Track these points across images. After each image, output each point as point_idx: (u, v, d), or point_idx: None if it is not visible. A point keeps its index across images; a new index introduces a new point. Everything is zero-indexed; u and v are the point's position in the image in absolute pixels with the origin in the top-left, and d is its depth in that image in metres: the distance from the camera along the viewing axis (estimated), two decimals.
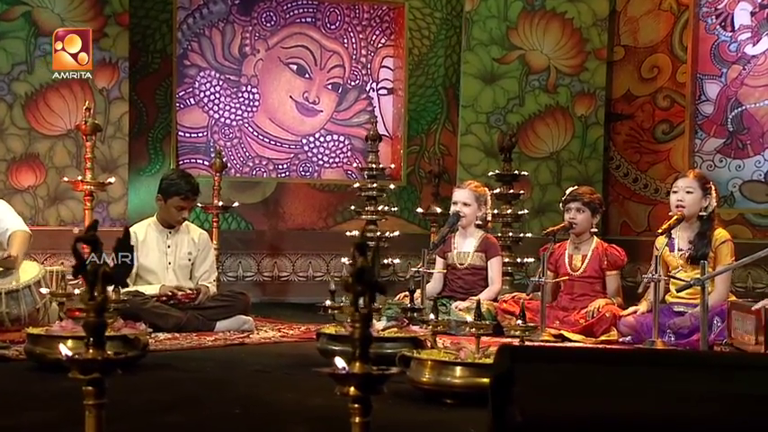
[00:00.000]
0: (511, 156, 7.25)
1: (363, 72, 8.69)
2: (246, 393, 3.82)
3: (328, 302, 4.71)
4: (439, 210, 7.23)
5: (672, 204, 5.70)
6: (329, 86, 8.62)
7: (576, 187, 6.22)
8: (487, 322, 3.98)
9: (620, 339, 5.63)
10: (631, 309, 5.70)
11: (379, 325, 4.69)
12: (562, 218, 6.09)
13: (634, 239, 8.06)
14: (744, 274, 7.44)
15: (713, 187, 5.75)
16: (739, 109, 8.11)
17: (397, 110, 8.63)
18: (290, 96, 8.53)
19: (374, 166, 6.84)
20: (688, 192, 5.64)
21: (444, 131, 8.63)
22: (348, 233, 6.98)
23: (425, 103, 8.62)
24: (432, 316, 3.82)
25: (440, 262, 6.33)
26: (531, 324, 3.95)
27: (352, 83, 8.67)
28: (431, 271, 6.00)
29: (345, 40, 8.65)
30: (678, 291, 4.91)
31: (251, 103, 8.45)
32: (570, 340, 5.55)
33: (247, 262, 8.12)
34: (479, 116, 8.28)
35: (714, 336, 5.34)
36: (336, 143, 8.62)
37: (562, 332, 5.61)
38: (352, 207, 7.10)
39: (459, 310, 5.94)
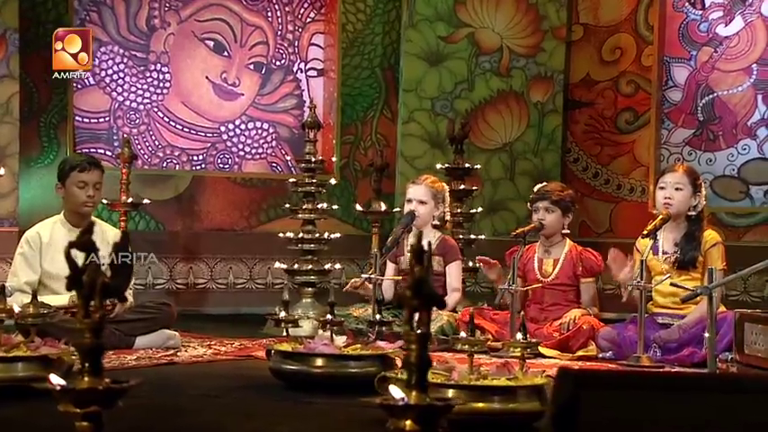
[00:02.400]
0: (462, 147, 7.24)
1: (290, 50, 8.59)
2: (200, 424, 3.72)
3: (282, 314, 4.61)
4: (383, 207, 7.16)
5: (658, 202, 5.74)
6: (251, 66, 8.50)
7: (543, 184, 6.22)
8: (480, 338, 3.91)
9: (600, 355, 5.64)
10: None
11: (338, 341, 4.62)
12: (526, 218, 6.09)
13: (594, 241, 8.09)
14: (760, 281, 7.54)
15: (703, 184, 5.80)
16: (710, 96, 8.22)
17: (328, 94, 8.55)
18: (206, 77, 8.39)
19: (312, 158, 6.73)
20: (677, 188, 5.68)
21: (382, 119, 8.58)
22: (281, 234, 6.86)
23: (361, 87, 8.55)
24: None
25: (391, 267, 6.28)
26: (534, 340, 3.90)
27: (278, 62, 8.56)
28: (383, 278, 5.93)
29: (269, 14, 8.53)
30: (684, 300, 4.94)
31: (160, 85, 8.28)
32: (544, 356, 5.54)
33: (158, 267, 7.96)
34: (423, 102, 8.25)
35: (706, 350, 5.37)
36: (260, 131, 8.51)
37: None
38: (287, 204, 6.98)
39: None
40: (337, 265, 6.91)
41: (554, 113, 8.39)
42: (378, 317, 4.54)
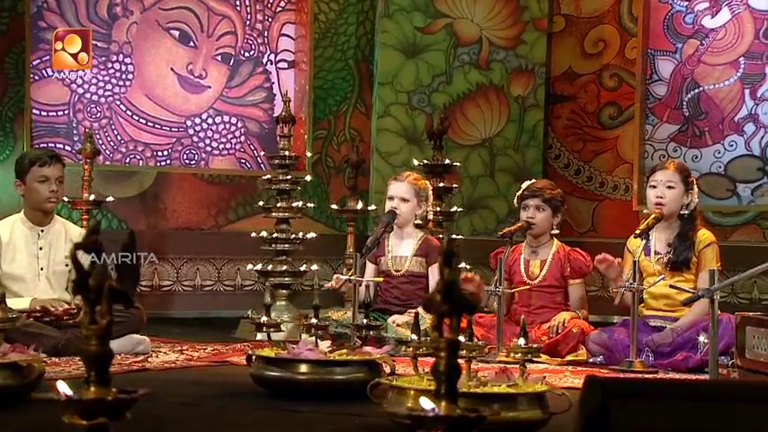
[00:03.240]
0: (442, 143, 7.23)
1: (259, 41, 8.55)
2: None
3: (264, 318, 4.58)
4: (360, 205, 7.14)
5: (649, 201, 5.76)
6: (218, 57, 8.45)
7: (533, 181, 6.23)
8: (480, 343, 3.90)
9: (590, 360, 5.65)
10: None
11: (322, 346, 4.60)
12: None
13: (576, 241, 8.11)
14: (749, 283, 7.57)
15: (695, 181, 5.82)
16: (696, 90, 8.26)
17: (299, 87, 8.51)
18: (171, 69, 8.33)
19: (286, 153, 6.69)
20: (669, 186, 5.70)
21: (356, 113, 8.56)
22: (254, 234, 6.81)
23: (334, 80, 8.53)
24: (413, 336, 3.72)
25: (371, 268, 6.26)
26: (535, 345, 3.90)
27: (246, 54, 8.51)
28: (366, 279, 5.90)
29: (238, 3, 8.49)
30: (685, 303, 4.95)
31: (123, 76, 8.21)
32: (532, 361, 5.51)
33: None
34: (399, 96, 8.24)
35: (702, 354, 5.40)
36: (227, 126, 8.46)
37: None
38: (260, 202, 6.94)
39: (398, 325, 5.88)
40: (314, 267, 6.87)
41: (535, 108, 8.40)
42: (365, 320, 4.51)
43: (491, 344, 5.49)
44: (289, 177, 6.71)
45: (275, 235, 6.70)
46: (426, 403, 1.84)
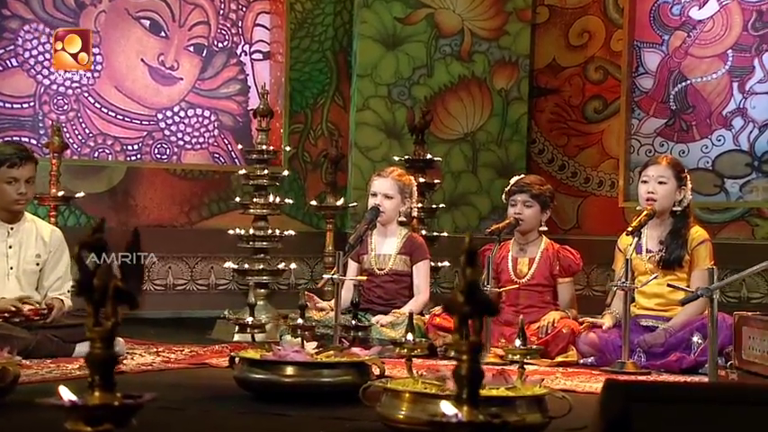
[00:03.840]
0: (424, 137, 7.23)
1: (233, 31, 8.52)
2: None
3: (249, 319, 4.55)
4: (340, 202, 7.12)
5: (640, 197, 5.76)
6: (191, 48, 8.42)
7: (521, 176, 6.22)
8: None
9: (581, 361, 5.65)
10: (591, 319, 5.73)
11: (308, 347, 4.58)
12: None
13: (561, 238, 8.12)
14: (737, 282, 7.58)
15: (688, 177, 5.83)
16: (683, 84, 8.29)
17: (275, 79, 8.49)
18: (142, 60, 8.29)
19: (264, 147, 6.67)
20: (660, 182, 5.71)
21: (334, 107, 8.54)
22: (231, 231, 6.78)
23: (311, 72, 8.53)
24: (409, 336, 3.70)
25: (353, 267, 6.24)
26: (534, 347, 3.89)
27: (220, 44, 8.48)
28: (349, 278, 5.90)
29: None
30: (683, 303, 4.96)
31: (92, 67, 8.13)
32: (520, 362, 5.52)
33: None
34: (379, 88, 8.23)
35: (696, 355, 5.42)
36: (200, 119, 8.44)
37: None
38: (237, 198, 6.91)
39: (382, 326, 5.86)
40: (292, 265, 6.85)
41: (519, 101, 8.41)
42: (354, 321, 4.48)
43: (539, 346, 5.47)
44: (266, 172, 6.67)
45: (253, 232, 6.66)
46: (448, 408, 1.82)
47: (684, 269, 5.71)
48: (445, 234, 7.24)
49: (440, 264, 6.99)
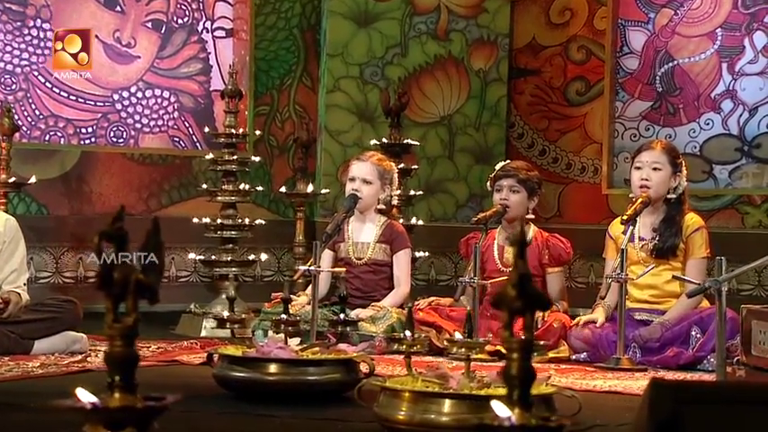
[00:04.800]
0: (399, 120, 7.21)
1: (194, 6, 8.47)
2: None
3: (226, 313, 4.52)
4: (311, 188, 7.09)
5: (634, 184, 5.78)
6: (148, 24, 8.35)
7: (507, 161, 6.23)
8: (480, 340, 3.87)
9: (573, 356, 5.66)
10: (585, 318, 5.74)
11: (294, 343, 4.56)
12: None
13: (542, 227, 8.14)
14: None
15: (683, 162, 5.85)
16: (670, 64, 8.31)
17: (239, 58, 8.43)
18: (96, 36, 8.20)
19: (233, 131, 6.63)
20: (655, 168, 5.73)
21: (301, 88, 8.51)
22: (196, 220, 6.74)
23: (277, 51, 8.48)
24: (407, 332, 3.68)
25: (328, 256, 6.22)
26: (542, 342, 3.88)
27: (180, 21, 8.42)
28: (327, 270, 5.88)
29: None
30: (690, 295, 4.97)
31: (41, 44, 8.06)
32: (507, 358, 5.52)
33: (41, 258, 7.78)
34: (350, 68, 8.21)
35: (694, 350, 5.44)
36: (159, 100, 8.38)
37: (498, 347, 5.57)
38: (204, 185, 6.87)
39: (361, 320, 5.84)
40: (263, 256, 6.82)
41: (498, 83, 8.41)
42: (342, 315, 4.46)
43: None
44: (235, 158, 6.64)
45: (221, 221, 6.61)
46: (501, 410, 1.80)
47: (679, 258, 5.74)
48: (421, 223, 7.22)
49: (417, 254, 6.97)
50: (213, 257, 6.65)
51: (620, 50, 8.42)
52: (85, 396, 1.84)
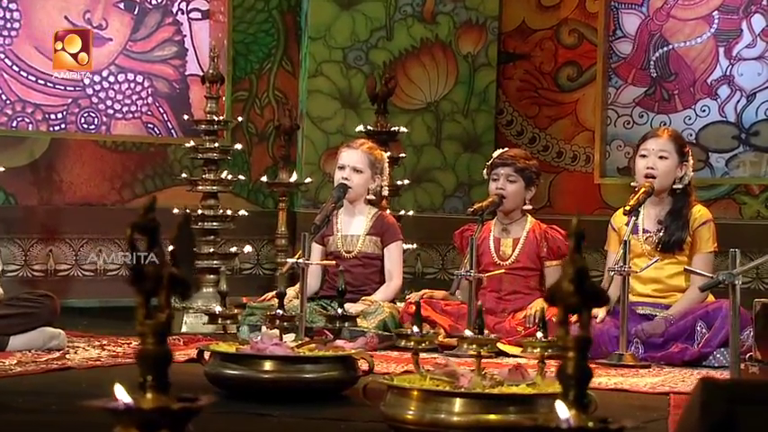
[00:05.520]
0: (386, 107, 7.20)
1: None
2: None
3: (218, 309, 4.48)
4: (294, 178, 7.06)
5: (638, 172, 5.78)
6: (120, 5, 8.30)
7: (505, 149, 6.23)
8: (491, 336, 3.86)
9: None
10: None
11: (288, 339, 4.54)
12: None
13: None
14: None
15: (690, 151, 5.86)
16: (665, 48, 8.33)
17: (216, 41, 8.37)
18: (66, 17, 8.15)
19: (215, 117, 6.60)
20: (661, 156, 5.73)
21: (281, 72, 8.47)
22: (176, 211, 6.69)
23: (256, 33, 8.44)
24: (415, 328, 3.65)
25: (317, 250, 6.20)
26: (552, 338, 3.86)
27: (153, 1, 8.38)
28: (317, 263, 5.86)
29: None
30: (703, 289, 4.97)
31: (8, 26, 8.00)
32: (507, 354, 5.53)
33: (9, 250, 7.74)
34: (333, 52, 8.19)
35: (700, 346, 5.45)
36: (132, 85, 8.32)
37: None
38: (183, 174, 6.83)
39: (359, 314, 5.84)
40: (247, 248, 6.79)
41: (487, 68, 8.40)
42: (340, 310, 4.44)
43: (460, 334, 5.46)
44: (217, 145, 6.61)
45: (202, 212, 6.58)
46: (563, 410, 1.78)
47: (685, 252, 5.75)
48: (411, 213, 7.21)
49: (405, 246, 6.95)
50: (194, 250, 6.60)
51: (613, 34, 8.43)
52: (122, 395, 1.80)
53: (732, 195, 8.04)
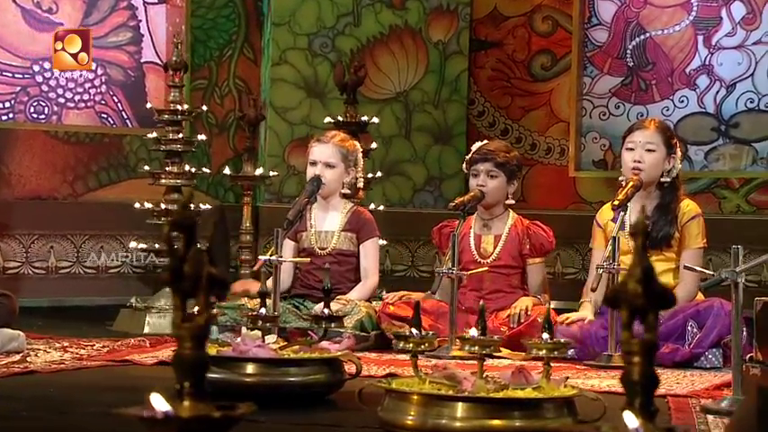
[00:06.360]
0: (356, 97, 7.17)
1: None
2: None
3: (197, 309, 4.43)
4: (259, 171, 7.02)
5: (625, 166, 5.78)
6: None
7: (485, 142, 6.21)
8: (495, 338, 3.84)
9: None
10: (575, 315, 5.74)
11: (270, 339, 4.50)
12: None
13: None
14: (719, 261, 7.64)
15: (678, 144, 5.88)
16: (642, 37, 8.34)
17: (173, 26, 8.33)
18: (14, 1, 8.07)
19: (179, 107, 6.55)
20: (649, 149, 5.74)
21: (242, 60, 8.43)
22: (137, 205, 6.65)
23: (216, 19, 8.41)
24: (414, 330, 3.62)
25: (289, 246, 6.17)
26: (563, 340, 3.86)
27: None
28: (290, 260, 5.83)
29: None
30: (706, 288, 4.96)
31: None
32: (490, 356, 5.50)
33: None
34: (298, 39, 8.16)
35: (691, 347, 5.46)
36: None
37: None
38: (146, 167, 6.78)
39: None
40: None
41: (458, 56, 8.40)
42: (326, 311, 4.39)
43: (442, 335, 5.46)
44: (181, 136, 6.56)
45: (165, 207, 6.54)
46: (631, 420, 1.76)
47: (673, 248, 5.76)
48: (381, 208, 7.19)
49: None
50: (158, 246, 6.57)
51: (589, 21, 8.44)
52: (160, 404, 1.77)
53: (711, 189, 8.08)
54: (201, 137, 6.94)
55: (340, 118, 7.05)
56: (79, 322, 6.83)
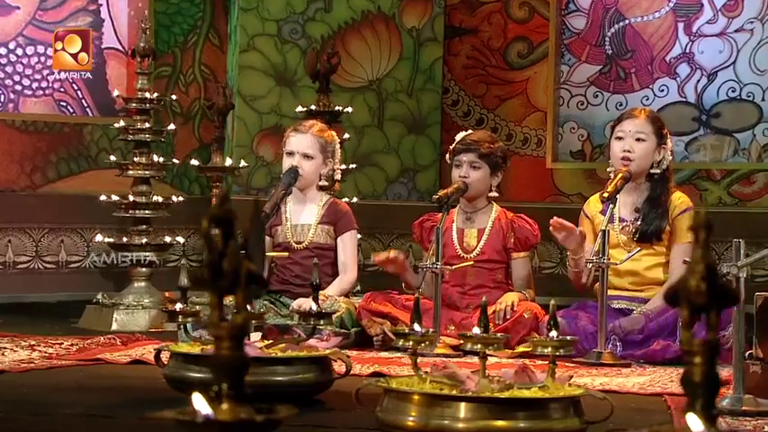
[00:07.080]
0: (329, 85, 7.14)
1: None
2: None
3: (179, 306, 4.39)
4: (228, 162, 6.98)
5: (614, 156, 5.78)
6: None
7: (468, 132, 6.18)
8: (498, 335, 3.82)
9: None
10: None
11: (255, 337, 4.48)
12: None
13: None
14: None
15: (669, 134, 5.88)
16: (621, 24, 8.37)
17: (135, 11, 8.31)
18: None
19: (148, 95, 6.50)
20: (638, 138, 5.74)
21: (208, 46, 8.40)
22: (104, 197, 6.60)
23: (180, 3, 8.41)
24: (416, 326, 3.59)
25: (265, 241, 6.11)
26: (569, 338, 3.84)
27: None
28: (270, 254, 5.80)
29: None
30: None
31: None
32: (474, 353, 5.49)
33: None
34: (267, 25, 8.15)
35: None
36: (42, 59, 8.23)
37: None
38: (112, 157, 6.74)
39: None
40: (179, 238, 6.70)
41: (433, 43, 8.41)
42: (314, 307, 4.36)
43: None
44: (148, 126, 6.52)
45: (133, 199, 6.49)
46: (695, 424, 1.74)
47: (663, 242, 5.76)
48: (356, 200, 7.17)
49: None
50: (125, 240, 6.51)
51: (566, 8, 8.46)
52: (202, 406, 1.73)
53: (692, 181, 8.10)
54: (171, 126, 6.90)
55: (313, 107, 7.01)
56: (41, 319, 6.80)
